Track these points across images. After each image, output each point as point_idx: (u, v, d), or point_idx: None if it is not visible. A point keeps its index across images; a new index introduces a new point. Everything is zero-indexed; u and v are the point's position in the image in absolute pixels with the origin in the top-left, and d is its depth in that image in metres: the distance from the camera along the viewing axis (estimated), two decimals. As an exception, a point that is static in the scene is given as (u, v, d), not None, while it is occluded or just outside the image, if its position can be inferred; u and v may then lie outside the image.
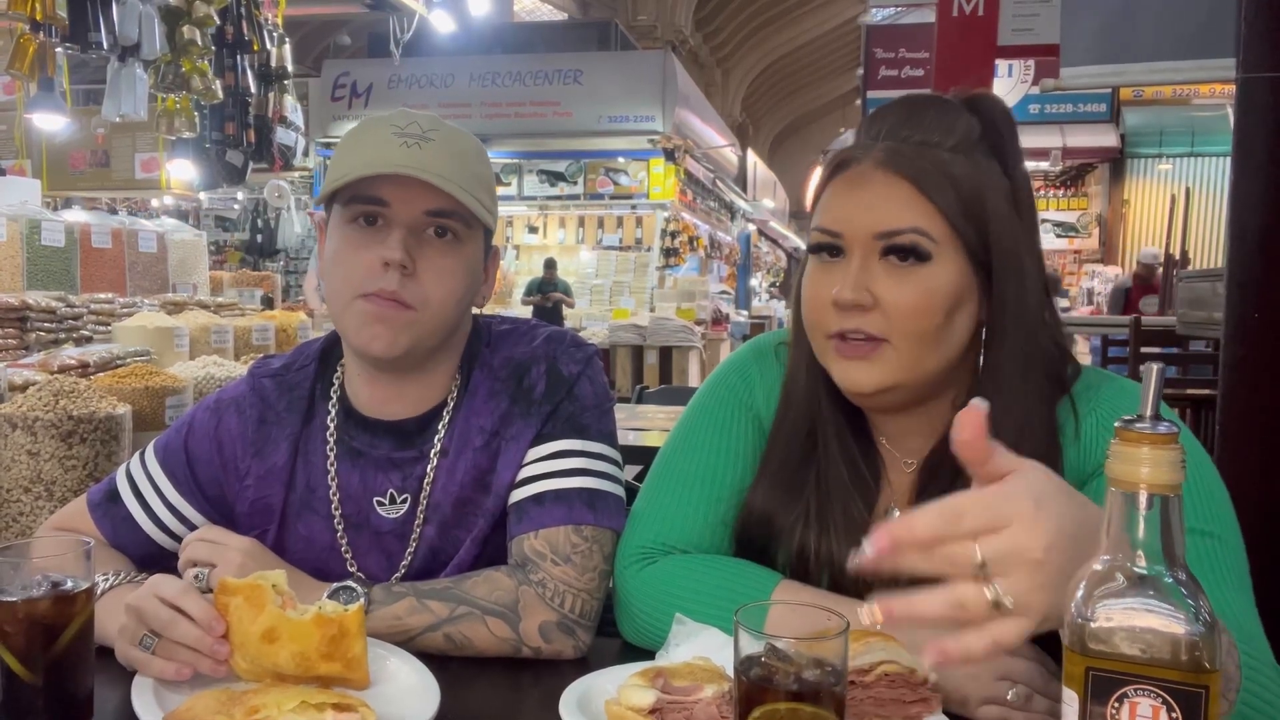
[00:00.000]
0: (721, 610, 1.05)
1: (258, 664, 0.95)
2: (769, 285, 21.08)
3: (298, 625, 0.93)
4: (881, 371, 1.03)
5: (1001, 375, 1.04)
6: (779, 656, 0.71)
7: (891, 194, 1.02)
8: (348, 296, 1.15)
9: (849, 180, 1.05)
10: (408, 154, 1.13)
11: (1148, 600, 0.62)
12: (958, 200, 1.01)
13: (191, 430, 1.30)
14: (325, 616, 0.94)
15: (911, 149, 1.03)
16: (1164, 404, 0.68)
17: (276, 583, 0.97)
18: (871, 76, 9.93)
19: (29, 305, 2.72)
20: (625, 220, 12.93)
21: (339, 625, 0.93)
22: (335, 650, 0.93)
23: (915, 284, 1.01)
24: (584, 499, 1.18)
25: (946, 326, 1.03)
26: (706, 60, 19.46)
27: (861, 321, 1.02)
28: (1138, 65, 3.10)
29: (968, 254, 1.03)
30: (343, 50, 13.89)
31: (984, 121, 1.06)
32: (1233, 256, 2.07)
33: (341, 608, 0.95)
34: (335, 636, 0.93)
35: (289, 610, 0.95)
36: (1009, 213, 1.04)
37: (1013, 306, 1.04)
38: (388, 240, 1.14)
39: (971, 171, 1.03)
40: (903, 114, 1.06)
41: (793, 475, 1.12)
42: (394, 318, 1.14)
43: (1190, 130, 11.82)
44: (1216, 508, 0.99)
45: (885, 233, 1.02)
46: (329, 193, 1.17)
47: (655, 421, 3.17)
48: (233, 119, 5.25)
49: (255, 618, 0.94)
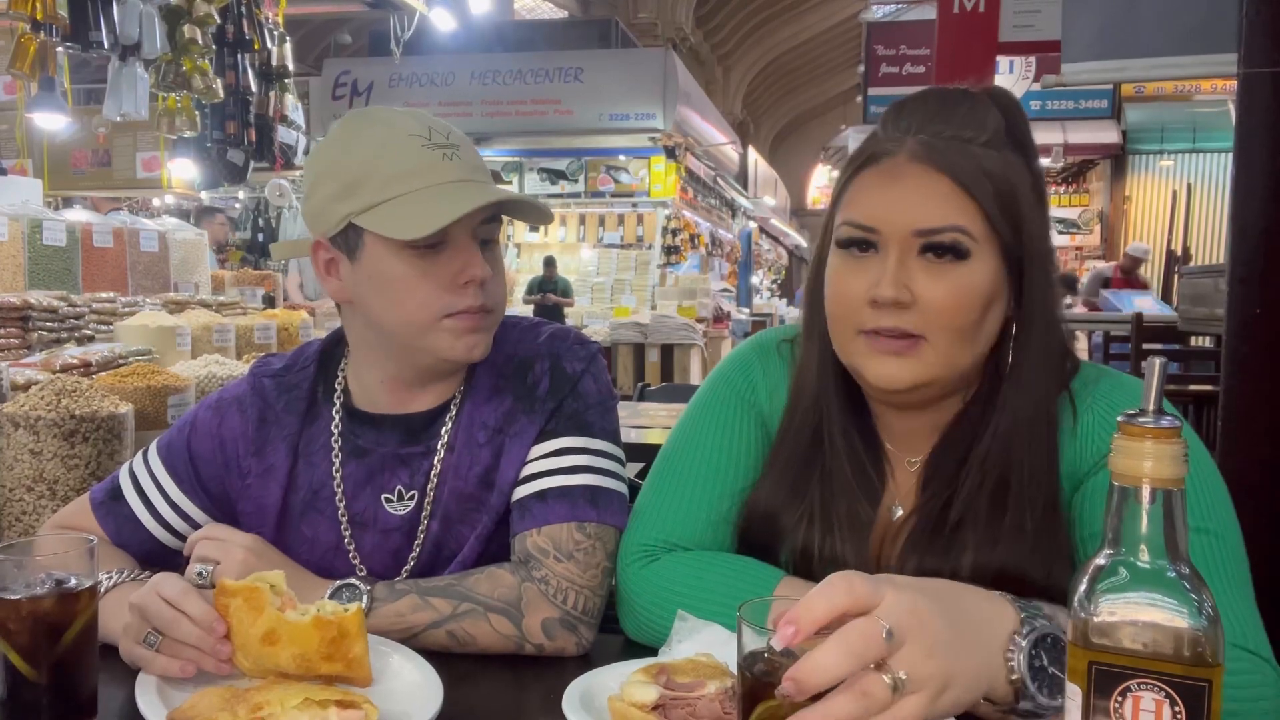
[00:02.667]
0: (724, 607, 1.05)
1: (260, 664, 0.95)
2: (770, 283, 21.07)
3: (297, 628, 0.93)
4: (917, 368, 1.02)
5: (1025, 370, 1.04)
6: (782, 652, 0.71)
7: (930, 190, 1.00)
8: (431, 318, 1.16)
9: (883, 174, 1.03)
10: (455, 168, 1.16)
11: (1151, 594, 0.62)
12: (995, 197, 1.00)
13: (194, 429, 1.30)
14: (324, 619, 0.93)
15: (946, 144, 1.01)
16: (1165, 400, 0.68)
17: (275, 583, 0.96)
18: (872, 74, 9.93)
19: (31, 305, 2.72)
20: (626, 218, 12.92)
21: (338, 627, 0.93)
22: (336, 651, 0.93)
23: (953, 282, 1.00)
24: (587, 496, 1.18)
25: (980, 323, 1.02)
26: (707, 58, 19.44)
27: (899, 319, 1.00)
28: (1139, 61, 3.09)
29: (1003, 252, 1.02)
30: (343, 49, 13.87)
31: (1006, 115, 1.05)
32: (1234, 252, 2.07)
33: (341, 608, 0.94)
34: (335, 638, 0.93)
35: (288, 611, 0.94)
36: (1036, 207, 1.03)
37: (1039, 303, 1.04)
38: (464, 260, 1.16)
39: (1004, 168, 1.01)
40: (934, 107, 1.04)
41: (797, 473, 1.12)
42: (483, 324, 1.19)
43: (1192, 126, 11.79)
44: (1216, 505, 0.99)
45: (925, 230, 1.00)
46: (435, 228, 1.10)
47: (657, 419, 3.17)
48: (234, 118, 5.24)
49: (255, 620, 0.94)
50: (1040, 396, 1.03)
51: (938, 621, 0.74)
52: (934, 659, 0.73)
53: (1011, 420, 1.03)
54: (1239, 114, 2.12)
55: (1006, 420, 1.03)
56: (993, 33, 4.12)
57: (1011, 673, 0.79)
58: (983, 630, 0.79)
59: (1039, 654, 0.79)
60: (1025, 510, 1.01)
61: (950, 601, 0.79)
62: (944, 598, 0.78)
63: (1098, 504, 1.00)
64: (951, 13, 4.37)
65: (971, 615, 0.79)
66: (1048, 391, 1.04)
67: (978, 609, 0.81)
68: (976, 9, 4.32)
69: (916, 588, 0.77)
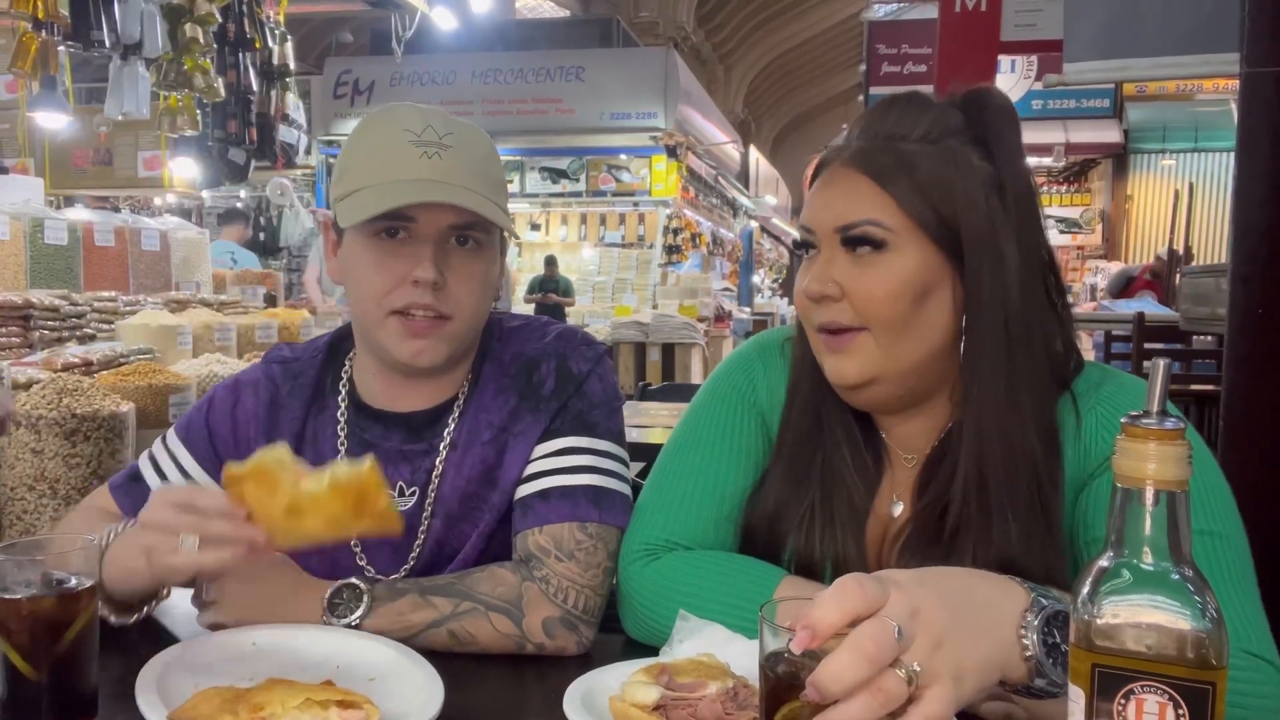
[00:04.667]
0: (725, 606, 1.05)
1: (290, 537, 0.96)
2: (771, 282, 21.06)
3: (317, 497, 0.94)
4: (860, 361, 1.05)
5: (979, 361, 1.04)
6: (805, 652, 0.72)
7: (850, 189, 1.06)
8: (380, 312, 1.16)
9: (823, 180, 1.11)
10: (430, 167, 1.13)
11: (1154, 597, 0.62)
12: (914, 188, 1.03)
13: (212, 406, 1.32)
14: (340, 483, 0.94)
15: (877, 144, 1.06)
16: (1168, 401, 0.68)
17: (280, 456, 0.97)
18: (874, 73, 9.91)
19: (32, 304, 2.72)
20: (627, 217, 12.91)
21: (357, 489, 0.94)
22: (363, 508, 0.95)
23: (875, 271, 1.04)
24: (589, 496, 1.18)
25: (918, 313, 1.04)
26: (708, 56, 19.43)
27: (835, 312, 1.06)
28: (1141, 60, 3.09)
29: (932, 240, 1.04)
30: (344, 48, 13.87)
31: (971, 114, 1.07)
32: (1236, 252, 2.07)
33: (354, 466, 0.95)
34: (357, 499, 0.94)
35: (303, 481, 0.95)
36: (985, 199, 1.04)
37: (989, 293, 1.03)
38: (418, 258, 1.14)
39: (937, 160, 1.04)
40: (875, 114, 1.10)
41: (799, 472, 1.13)
42: (433, 331, 1.16)
43: (1194, 125, 11.78)
44: (1220, 506, 0.99)
45: (843, 226, 1.06)
46: (361, 220, 1.13)
47: (658, 419, 3.17)
48: (235, 117, 5.25)
49: (273, 497, 0.95)
50: (1003, 390, 1.02)
51: (943, 613, 0.75)
52: (943, 649, 0.74)
53: (977, 415, 1.03)
54: (1241, 113, 2.11)
55: (972, 416, 1.03)
56: (994, 32, 4.11)
57: (1025, 650, 0.79)
58: (992, 613, 0.80)
59: (1052, 631, 0.79)
60: (1006, 510, 1.01)
61: (955, 590, 0.79)
62: (948, 587, 0.79)
63: (1101, 506, 0.99)
64: (953, 12, 4.36)
65: (978, 600, 0.80)
66: (1011, 387, 1.02)
67: (985, 592, 0.81)
68: (978, 8, 4.32)
69: (919, 581, 0.78)
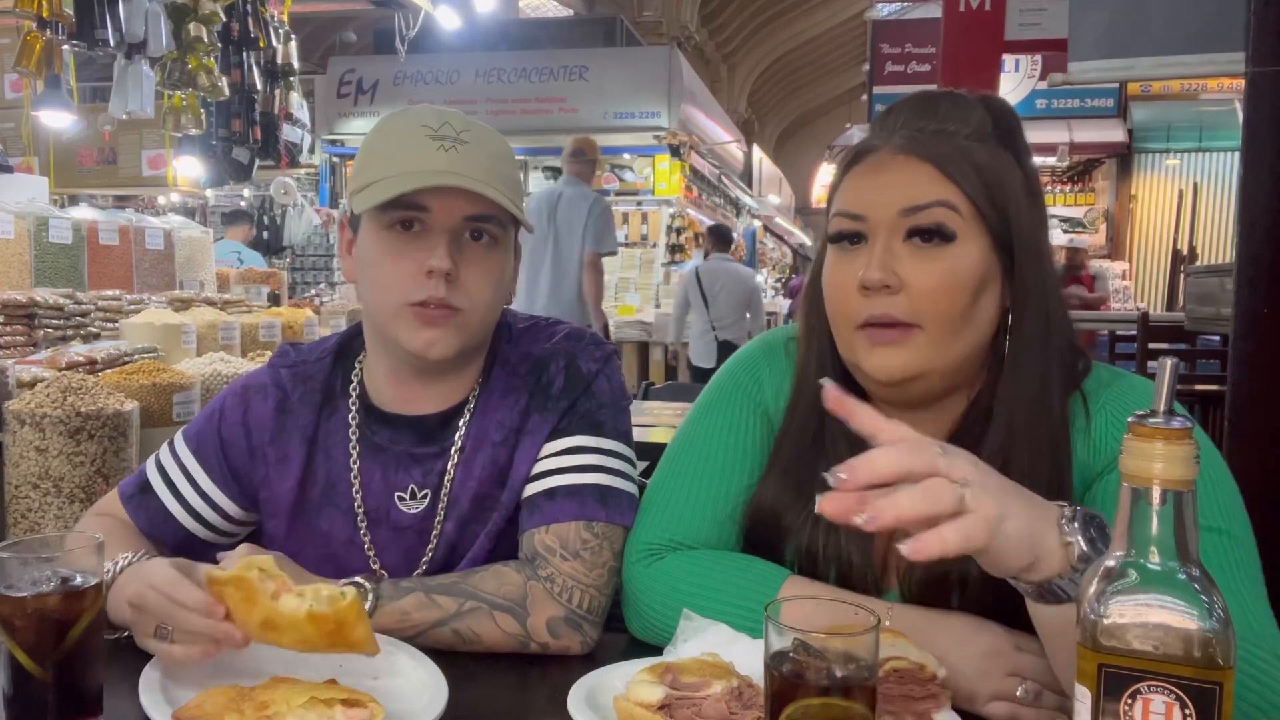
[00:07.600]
0: (729, 606, 1.05)
1: (265, 642, 0.94)
2: (774, 281, 21.05)
3: (293, 620, 0.91)
4: (910, 357, 1.02)
5: (1023, 359, 1.04)
6: (809, 652, 0.71)
7: (915, 175, 1.03)
8: (394, 304, 1.16)
9: (869, 167, 1.06)
10: (446, 159, 1.13)
11: (1161, 596, 0.62)
12: (980, 183, 1.02)
13: (223, 417, 1.30)
14: (318, 614, 0.91)
15: (930, 136, 1.04)
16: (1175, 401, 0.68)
17: (263, 567, 0.94)
18: (878, 72, 9.90)
19: (37, 302, 2.73)
20: (631, 216, 12.89)
21: (335, 620, 0.91)
22: (338, 638, 0.92)
23: (941, 264, 1.01)
24: (596, 495, 1.18)
25: (973, 310, 1.03)
26: (712, 56, 19.41)
27: (889, 305, 1.02)
28: (1146, 60, 3.08)
29: (991, 237, 1.03)
30: (348, 47, 13.88)
31: (994, 116, 1.08)
32: (1242, 251, 2.07)
33: (338, 593, 0.91)
34: (334, 628, 0.91)
35: (284, 598, 0.92)
36: (1027, 201, 1.05)
37: (1034, 292, 1.04)
38: (432, 249, 1.14)
39: (989, 159, 1.04)
40: (917, 106, 1.08)
41: (801, 472, 1.12)
42: (446, 321, 1.15)
43: (1198, 125, 11.74)
44: (1227, 504, 0.99)
45: (910, 208, 1.02)
46: (377, 204, 1.13)
47: (662, 418, 3.17)
48: (239, 116, 5.24)
49: (250, 608, 0.93)
50: (1038, 390, 1.03)
51: (994, 478, 0.78)
52: (993, 497, 0.76)
53: (1009, 416, 1.03)
54: (1246, 113, 2.11)
55: (1004, 416, 1.03)
56: (999, 31, 4.11)
57: (1065, 535, 0.78)
58: (1038, 502, 0.81)
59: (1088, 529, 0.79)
60: None
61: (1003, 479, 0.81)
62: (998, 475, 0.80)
63: (1109, 505, 0.99)
64: (957, 11, 4.36)
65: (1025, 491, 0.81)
66: (1045, 384, 1.03)
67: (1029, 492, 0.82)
68: (983, 7, 4.31)
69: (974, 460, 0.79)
